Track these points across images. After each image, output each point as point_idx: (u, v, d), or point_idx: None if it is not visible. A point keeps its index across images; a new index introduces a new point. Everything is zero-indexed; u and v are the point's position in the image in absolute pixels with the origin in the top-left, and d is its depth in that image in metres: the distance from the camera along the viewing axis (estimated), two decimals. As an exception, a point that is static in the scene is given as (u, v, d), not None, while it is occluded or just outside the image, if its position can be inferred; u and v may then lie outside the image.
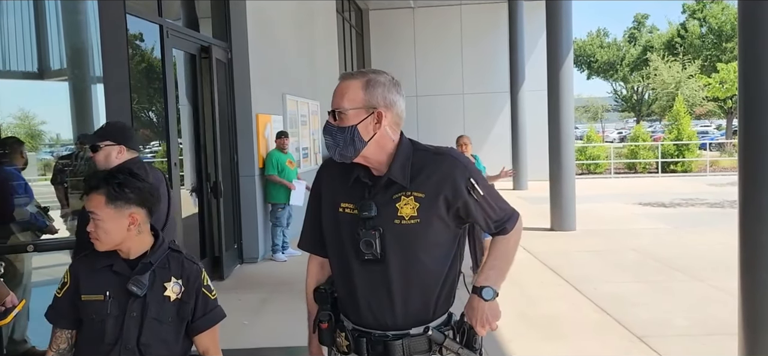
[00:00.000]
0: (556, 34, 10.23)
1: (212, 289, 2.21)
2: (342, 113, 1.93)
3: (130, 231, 2.08)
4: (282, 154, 8.34)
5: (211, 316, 2.22)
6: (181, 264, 2.17)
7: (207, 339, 2.23)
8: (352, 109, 1.93)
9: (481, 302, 1.97)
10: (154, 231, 2.21)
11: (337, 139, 1.94)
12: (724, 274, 6.25)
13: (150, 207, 2.15)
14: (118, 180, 2.08)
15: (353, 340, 2.00)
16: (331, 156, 2.00)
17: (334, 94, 1.97)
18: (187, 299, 2.15)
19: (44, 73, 5.88)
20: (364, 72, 1.98)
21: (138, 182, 2.11)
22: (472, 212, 1.98)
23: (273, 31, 9.26)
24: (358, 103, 1.94)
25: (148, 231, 2.17)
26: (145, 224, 2.14)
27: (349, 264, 1.99)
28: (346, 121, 1.93)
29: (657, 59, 36.19)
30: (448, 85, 19.12)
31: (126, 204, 2.07)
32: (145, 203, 2.12)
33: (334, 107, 1.95)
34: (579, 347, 5.01)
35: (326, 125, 1.97)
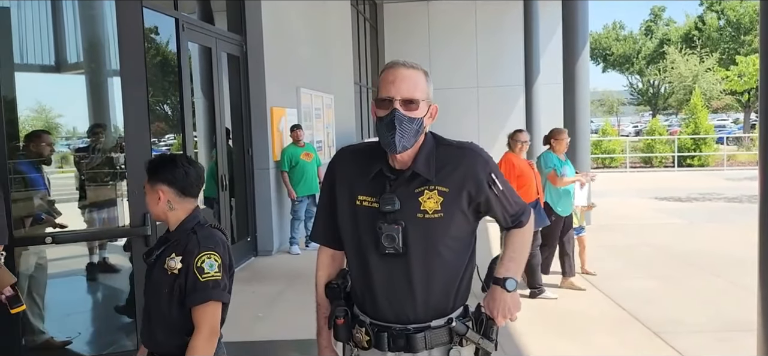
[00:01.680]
0: (571, 27, 10.15)
1: (206, 271, 2.28)
2: (414, 103, 1.90)
3: (159, 205, 2.39)
4: (297, 148, 8.36)
5: (195, 296, 2.28)
6: (189, 243, 2.33)
7: (195, 315, 2.31)
8: (423, 101, 1.93)
9: (504, 293, 2.01)
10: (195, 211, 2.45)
11: (406, 128, 1.89)
12: (742, 270, 6.19)
13: (180, 187, 2.39)
14: (153, 163, 2.44)
15: (373, 335, 2.00)
16: (387, 145, 1.91)
17: (398, 80, 1.90)
18: (181, 275, 2.30)
19: (61, 67, 5.92)
20: (418, 64, 1.96)
21: (170, 164, 2.40)
22: (492, 206, 2.02)
23: (287, 25, 9.27)
24: (425, 95, 1.95)
25: (185, 209, 2.42)
26: (177, 201, 2.40)
27: (368, 258, 1.98)
28: (417, 111, 1.91)
29: (674, 52, 35.82)
30: (462, 79, 19.05)
31: (156, 183, 2.39)
32: (174, 183, 2.38)
33: (407, 95, 1.89)
34: (594, 342, 4.98)
35: (396, 113, 1.88)
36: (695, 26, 38.79)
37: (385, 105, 1.91)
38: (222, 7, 8.31)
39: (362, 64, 16.58)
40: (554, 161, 6.25)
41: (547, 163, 6.26)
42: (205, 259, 2.29)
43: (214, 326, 2.31)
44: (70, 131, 6.88)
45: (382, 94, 1.92)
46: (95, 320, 5.80)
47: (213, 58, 7.46)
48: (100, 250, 5.78)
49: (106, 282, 5.88)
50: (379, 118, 1.93)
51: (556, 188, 6.21)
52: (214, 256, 2.31)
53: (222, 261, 2.33)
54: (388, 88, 1.90)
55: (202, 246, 2.31)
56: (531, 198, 5.75)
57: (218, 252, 2.33)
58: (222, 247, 2.37)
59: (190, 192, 2.43)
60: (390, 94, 1.90)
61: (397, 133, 1.88)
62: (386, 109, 1.90)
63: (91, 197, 5.61)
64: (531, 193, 5.80)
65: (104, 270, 5.78)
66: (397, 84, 1.90)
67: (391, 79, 1.91)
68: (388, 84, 1.91)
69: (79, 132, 6.56)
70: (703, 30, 37.70)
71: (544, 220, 5.92)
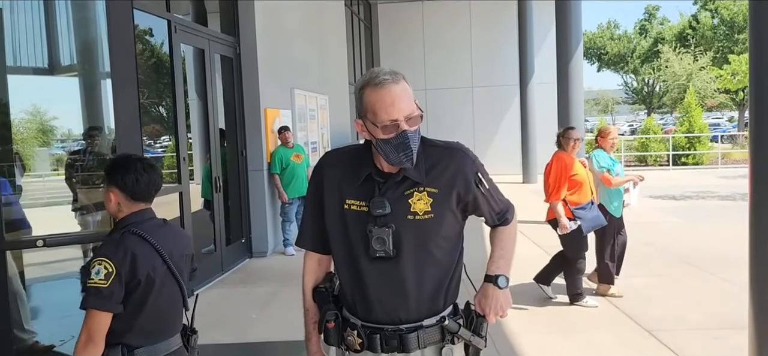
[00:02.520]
0: (565, 27, 10.18)
1: (92, 277, 2.25)
2: (415, 116, 1.91)
3: (111, 206, 2.46)
4: (287, 150, 8.35)
5: (83, 298, 2.29)
6: (101, 245, 2.40)
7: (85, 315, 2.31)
8: (417, 110, 1.94)
9: (496, 290, 2.03)
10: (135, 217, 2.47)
11: (416, 143, 1.91)
12: (736, 268, 6.20)
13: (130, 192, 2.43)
14: (108, 164, 2.52)
15: (366, 337, 2.00)
16: (401, 163, 1.90)
17: (397, 100, 1.87)
18: (85, 272, 2.33)
19: (55, 69, 5.90)
20: (396, 72, 1.94)
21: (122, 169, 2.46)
22: (479, 205, 2.04)
23: (281, 26, 9.26)
24: (415, 102, 1.95)
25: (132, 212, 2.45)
26: (126, 204, 2.45)
27: (358, 261, 1.98)
28: (418, 122, 1.93)
29: (668, 51, 35.95)
30: (457, 79, 19.07)
31: (109, 184, 2.46)
32: (124, 188, 2.43)
33: (408, 113, 1.88)
34: (588, 341, 4.99)
35: (407, 134, 1.87)
36: (689, 25, 38.95)
37: (391, 129, 1.88)
38: (215, 8, 8.29)
39: (357, 65, 16.57)
40: (607, 160, 6.03)
41: (599, 163, 6.01)
42: (96, 265, 2.27)
43: (89, 332, 2.26)
44: (65, 134, 6.87)
45: (384, 118, 1.87)
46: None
47: (206, 59, 7.44)
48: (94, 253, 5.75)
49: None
50: (385, 140, 1.89)
51: (608, 188, 5.96)
52: (104, 263, 2.26)
53: (116, 270, 2.27)
54: (389, 111, 1.86)
55: (101, 251, 2.32)
56: (585, 199, 5.61)
57: (113, 260, 2.28)
58: (121, 256, 2.30)
59: (140, 198, 2.45)
60: (393, 117, 1.87)
61: (412, 151, 1.89)
62: (393, 132, 1.88)
63: (85, 200, 5.60)
64: (585, 193, 5.63)
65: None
66: (397, 104, 1.87)
67: (389, 100, 1.87)
68: (387, 106, 1.87)
69: (74, 134, 6.56)
70: (697, 29, 37.85)
71: (601, 220, 5.71)
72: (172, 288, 2.50)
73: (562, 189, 5.58)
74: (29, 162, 6.02)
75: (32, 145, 6.26)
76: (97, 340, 2.27)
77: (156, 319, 2.44)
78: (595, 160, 6.02)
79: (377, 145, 1.92)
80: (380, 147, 1.91)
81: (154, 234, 2.43)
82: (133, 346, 2.37)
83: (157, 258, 2.40)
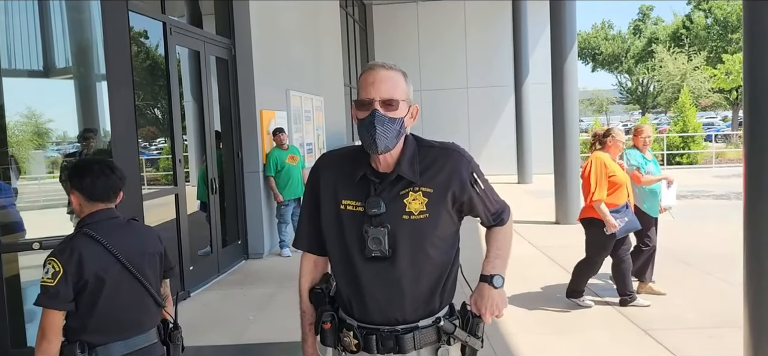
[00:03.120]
0: (559, 27, 10.21)
1: (43, 276, 2.35)
2: (394, 103, 1.91)
3: (75, 206, 2.57)
4: (282, 152, 8.34)
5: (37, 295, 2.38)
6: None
7: None
8: (403, 101, 1.94)
9: (491, 290, 2.03)
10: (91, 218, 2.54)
11: (388, 129, 1.90)
12: (731, 267, 6.22)
13: (87, 194, 2.52)
14: (69, 168, 2.62)
15: (362, 338, 2.00)
16: (369, 146, 1.92)
17: (378, 82, 1.91)
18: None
19: (50, 72, 5.89)
20: (395, 66, 1.97)
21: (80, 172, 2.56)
22: (475, 205, 2.05)
23: (276, 27, 9.26)
24: (405, 95, 1.96)
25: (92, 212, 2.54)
26: (87, 205, 2.54)
27: (354, 261, 1.99)
28: (397, 112, 1.93)
29: (662, 51, 36.05)
30: (452, 80, 19.09)
31: (70, 187, 2.55)
32: (82, 190, 2.52)
33: (386, 96, 1.90)
34: (585, 340, 5.00)
35: (375, 114, 1.88)
36: (683, 25, 39.07)
37: (365, 107, 1.92)
38: (210, 9, 8.29)
39: (352, 66, 16.58)
40: (638, 158, 5.96)
41: (629, 160, 5.94)
42: (46, 264, 2.37)
43: (43, 329, 2.35)
44: (60, 136, 6.86)
45: (362, 96, 1.93)
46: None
47: (201, 61, 7.44)
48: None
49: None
50: (359, 120, 1.93)
51: (640, 187, 5.89)
52: (52, 263, 2.36)
53: (63, 269, 2.34)
54: (368, 90, 1.91)
55: (52, 251, 2.41)
56: (621, 201, 5.51)
57: (60, 260, 2.36)
58: (68, 254, 2.37)
59: (98, 198, 2.54)
60: (370, 96, 1.91)
61: (378, 133, 1.88)
62: (366, 110, 1.91)
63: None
64: (621, 195, 5.52)
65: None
66: (377, 85, 1.91)
67: (371, 80, 1.92)
68: (367, 85, 1.92)
69: (69, 137, 6.54)
70: (690, 28, 37.98)
71: (636, 224, 5.62)
72: (132, 286, 2.52)
73: (602, 190, 5.43)
74: (25, 165, 6.00)
75: (27, 147, 6.23)
76: (50, 337, 2.35)
77: (113, 318, 2.47)
78: (626, 158, 5.94)
79: (358, 130, 1.96)
80: (359, 130, 1.95)
81: (108, 234, 2.49)
82: (93, 344, 2.43)
83: (108, 258, 2.45)
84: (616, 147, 5.67)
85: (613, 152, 5.65)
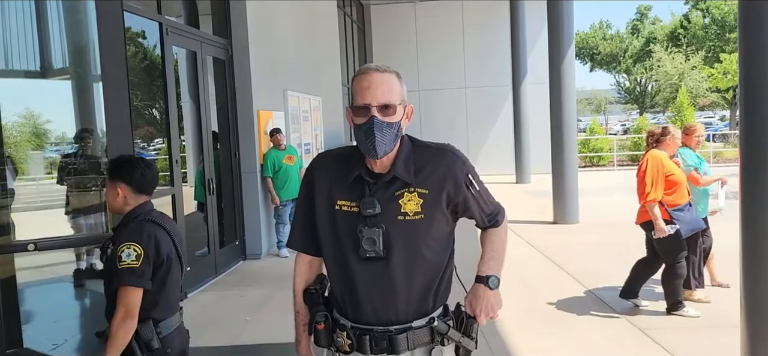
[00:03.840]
0: (557, 27, 10.21)
1: (123, 260, 2.57)
2: (391, 108, 1.91)
3: (117, 200, 2.73)
4: (279, 152, 8.32)
5: (114, 280, 2.59)
6: (120, 234, 2.67)
7: (117, 296, 2.59)
8: (399, 104, 1.94)
9: (487, 291, 2.03)
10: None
11: (386, 134, 1.90)
12: (728, 266, 6.22)
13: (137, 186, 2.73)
14: (114, 162, 2.79)
15: (355, 338, 2.00)
16: (368, 151, 1.92)
17: (373, 86, 1.89)
18: (111, 261, 2.63)
19: (47, 72, 5.89)
20: (390, 67, 1.96)
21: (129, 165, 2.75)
22: (470, 206, 2.04)
23: (273, 27, 9.25)
24: (401, 98, 1.95)
25: (137, 205, 2.75)
26: (132, 198, 2.73)
27: (348, 262, 1.98)
28: (394, 116, 1.92)
29: (660, 50, 36.07)
30: (450, 80, 19.09)
31: (116, 180, 2.72)
32: (132, 182, 2.72)
33: (383, 101, 1.89)
34: (582, 340, 5.00)
35: (374, 121, 1.88)
36: (681, 24, 39.10)
37: (362, 112, 1.91)
38: (207, 10, 8.28)
39: (350, 66, 16.58)
40: (694, 159, 5.78)
41: (686, 161, 5.73)
42: (124, 249, 2.59)
43: (127, 308, 2.56)
44: (59, 137, 6.86)
45: (358, 101, 1.91)
46: (83, 326, 5.77)
47: (198, 61, 7.43)
48: (88, 256, 5.75)
49: (94, 288, 5.84)
50: (356, 126, 1.92)
51: (695, 187, 5.68)
52: (133, 247, 2.59)
53: (144, 251, 2.60)
54: (364, 95, 1.90)
55: (125, 237, 2.63)
56: (683, 200, 5.30)
57: (139, 243, 2.61)
58: (146, 239, 2.63)
59: (145, 191, 2.78)
60: (366, 101, 1.90)
61: (377, 140, 1.88)
62: (364, 116, 1.90)
63: (78, 203, 5.58)
64: (683, 194, 5.32)
65: (91, 276, 5.75)
66: (373, 89, 1.89)
67: (366, 85, 1.90)
68: (363, 90, 1.90)
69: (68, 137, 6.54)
70: (688, 28, 38.02)
71: (700, 223, 5.44)
72: (177, 269, 2.80)
73: (658, 190, 5.23)
74: (22, 165, 5.99)
75: (25, 148, 6.23)
76: (134, 313, 2.58)
77: (171, 296, 2.77)
78: (681, 159, 5.75)
79: (354, 132, 1.95)
80: (355, 134, 1.95)
81: (163, 222, 2.76)
82: (158, 320, 2.69)
83: (170, 242, 2.75)
84: (675, 145, 5.49)
85: (671, 151, 5.47)
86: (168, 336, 2.72)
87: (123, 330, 2.55)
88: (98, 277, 5.69)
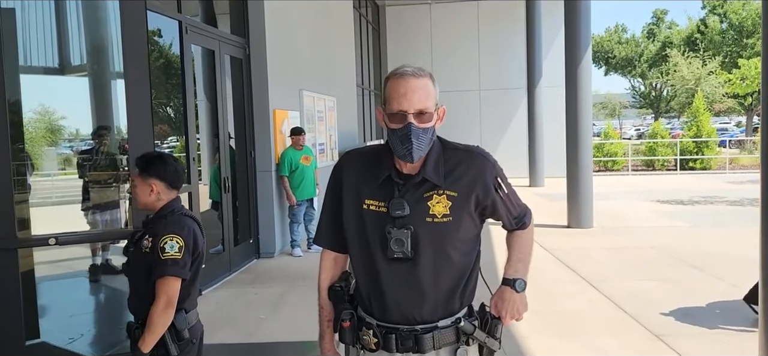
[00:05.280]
0: (574, 30, 10.16)
1: (166, 251, 2.67)
2: (427, 114, 1.91)
3: (151, 196, 2.79)
4: (297, 152, 8.33)
5: (156, 270, 2.68)
6: (158, 227, 2.75)
7: (156, 287, 2.69)
8: (433, 110, 1.94)
9: (513, 293, 2.06)
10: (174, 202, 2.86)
11: (422, 141, 1.90)
12: (744, 273, 6.18)
13: (170, 181, 2.81)
14: (146, 158, 2.84)
15: (381, 337, 2.01)
16: (404, 156, 1.91)
17: (410, 92, 1.88)
18: (151, 252, 2.70)
19: (65, 69, 5.94)
20: (423, 69, 1.97)
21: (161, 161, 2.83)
22: (498, 209, 2.05)
23: (290, 27, 9.28)
24: (435, 102, 1.95)
25: (169, 199, 2.83)
26: (165, 193, 2.81)
27: (375, 261, 1.99)
28: (430, 121, 1.92)
29: (676, 55, 35.77)
30: (465, 82, 19.05)
31: (149, 176, 2.79)
32: (166, 177, 2.80)
33: (420, 107, 1.89)
34: (596, 345, 4.98)
35: (411, 128, 1.87)
36: (697, 29, 38.78)
37: (398, 118, 1.90)
38: (225, 9, 8.33)
39: (365, 67, 16.59)
40: None
41: None
42: (168, 241, 2.69)
43: (169, 297, 2.67)
44: (73, 133, 6.91)
45: (394, 107, 1.90)
46: (98, 321, 5.82)
47: (216, 60, 7.47)
48: (103, 252, 5.80)
49: (109, 283, 5.89)
50: (392, 130, 1.92)
51: None
52: (176, 239, 2.70)
53: (185, 244, 2.71)
54: (400, 102, 1.89)
55: (167, 229, 2.72)
56: None
57: (181, 235, 2.72)
58: (186, 232, 2.75)
59: (177, 186, 2.86)
60: (402, 108, 1.89)
61: (414, 147, 1.89)
62: (399, 122, 1.90)
63: (95, 199, 5.63)
64: None
65: (107, 272, 5.80)
66: (409, 96, 1.89)
67: (403, 91, 1.89)
68: (399, 96, 1.89)
69: (82, 134, 6.59)
70: (705, 33, 37.69)
71: None
72: (201, 264, 2.89)
73: None
74: (38, 161, 6.05)
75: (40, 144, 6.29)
76: (175, 302, 2.69)
77: (197, 288, 2.91)
78: None
79: (388, 135, 1.96)
80: (390, 137, 1.95)
81: (195, 218, 2.88)
82: (188, 310, 2.81)
83: (202, 237, 2.87)
84: None
85: None
86: (194, 327, 2.85)
87: (164, 319, 2.66)
88: (113, 273, 5.75)
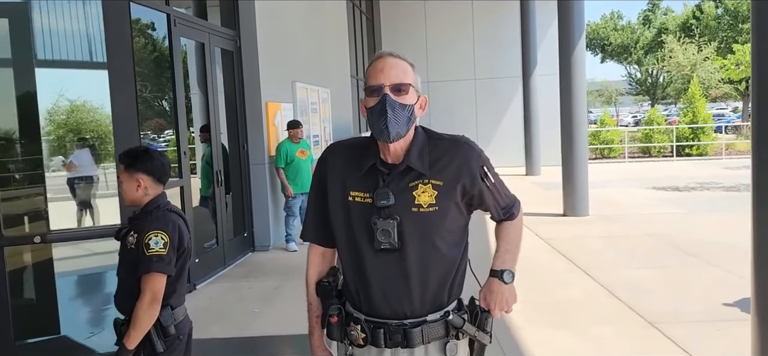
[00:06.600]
0: (567, 18, 10.12)
1: (151, 247, 2.64)
2: (404, 88, 1.90)
3: (138, 192, 2.76)
4: (293, 145, 8.28)
5: (141, 266, 2.65)
6: (143, 223, 2.71)
7: (141, 283, 2.66)
8: (412, 89, 1.93)
9: (501, 285, 2.02)
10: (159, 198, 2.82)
11: (399, 115, 1.88)
12: (739, 259, 6.17)
13: (158, 176, 2.78)
14: (132, 153, 2.78)
15: (369, 332, 1.98)
16: (380, 134, 1.89)
17: (387, 68, 1.90)
18: (136, 249, 2.67)
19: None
20: (403, 56, 1.96)
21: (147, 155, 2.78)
22: (485, 199, 2.02)
23: (281, 19, 9.22)
24: (414, 83, 1.95)
25: (155, 194, 2.79)
26: (152, 188, 2.77)
27: (362, 254, 1.97)
28: (407, 97, 1.91)
29: (672, 41, 35.76)
30: (460, 71, 19.02)
31: (136, 171, 2.74)
32: (153, 172, 2.76)
33: (396, 81, 1.89)
34: (591, 334, 4.97)
35: (386, 99, 1.87)
36: (693, 15, 38.77)
37: (375, 93, 1.90)
38: (215, 1, 8.26)
39: (359, 58, 16.53)
40: None
41: None
42: (152, 237, 2.66)
43: (154, 294, 2.64)
44: None
45: (371, 82, 1.91)
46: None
47: (206, 53, 7.42)
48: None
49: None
50: (369, 109, 1.91)
51: None
52: (160, 235, 2.67)
53: (170, 240, 2.68)
54: (377, 76, 1.90)
55: (152, 226, 2.69)
56: None
57: (166, 231, 2.69)
58: (171, 228, 2.71)
59: (163, 180, 2.83)
60: (379, 82, 1.89)
61: (389, 118, 1.86)
62: (376, 97, 1.89)
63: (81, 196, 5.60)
64: None
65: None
66: (386, 71, 1.89)
67: (380, 67, 1.90)
68: (376, 72, 1.90)
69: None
70: (700, 19, 37.68)
71: None
72: (186, 259, 2.87)
73: None
74: None
75: None
76: (160, 299, 2.66)
77: (183, 284, 2.87)
78: None
79: (368, 119, 1.94)
80: (368, 119, 1.93)
81: (180, 213, 2.84)
82: (174, 306, 2.78)
83: (188, 233, 2.83)
84: None
85: None
86: (180, 324, 2.82)
87: (148, 316, 2.64)
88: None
